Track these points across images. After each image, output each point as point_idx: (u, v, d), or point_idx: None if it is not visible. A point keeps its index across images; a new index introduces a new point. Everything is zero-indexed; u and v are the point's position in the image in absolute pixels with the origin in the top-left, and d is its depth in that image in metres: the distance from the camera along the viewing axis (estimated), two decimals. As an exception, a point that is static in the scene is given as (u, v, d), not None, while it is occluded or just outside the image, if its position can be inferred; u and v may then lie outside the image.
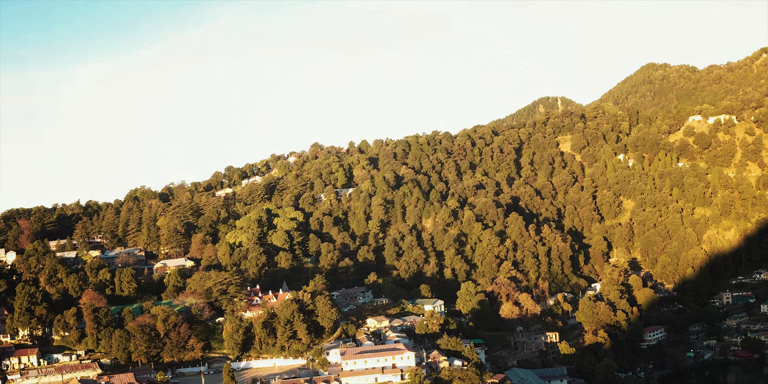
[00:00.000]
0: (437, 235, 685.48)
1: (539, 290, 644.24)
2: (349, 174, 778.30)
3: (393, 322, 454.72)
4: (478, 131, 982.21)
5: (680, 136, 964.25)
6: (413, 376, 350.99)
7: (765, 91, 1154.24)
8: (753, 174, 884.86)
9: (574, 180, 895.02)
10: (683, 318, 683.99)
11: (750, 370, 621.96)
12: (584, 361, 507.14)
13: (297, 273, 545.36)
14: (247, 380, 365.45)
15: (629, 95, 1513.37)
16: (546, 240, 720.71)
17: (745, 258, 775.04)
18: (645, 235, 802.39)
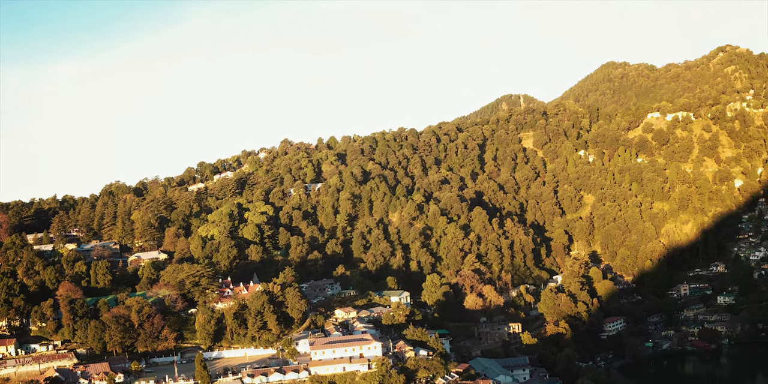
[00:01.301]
0: (403, 228, 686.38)
1: (502, 282, 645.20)
2: (318, 169, 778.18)
3: (360, 313, 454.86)
4: (443, 128, 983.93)
5: (639, 132, 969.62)
6: (380, 366, 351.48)
7: (721, 89, 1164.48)
8: (710, 169, 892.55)
9: (536, 175, 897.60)
10: (642, 309, 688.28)
11: (707, 360, 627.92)
12: (546, 351, 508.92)
13: (267, 265, 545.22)
14: (219, 369, 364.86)
15: (590, 93, 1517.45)
16: (509, 233, 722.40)
17: (702, 251, 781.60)
18: (605, 228, 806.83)
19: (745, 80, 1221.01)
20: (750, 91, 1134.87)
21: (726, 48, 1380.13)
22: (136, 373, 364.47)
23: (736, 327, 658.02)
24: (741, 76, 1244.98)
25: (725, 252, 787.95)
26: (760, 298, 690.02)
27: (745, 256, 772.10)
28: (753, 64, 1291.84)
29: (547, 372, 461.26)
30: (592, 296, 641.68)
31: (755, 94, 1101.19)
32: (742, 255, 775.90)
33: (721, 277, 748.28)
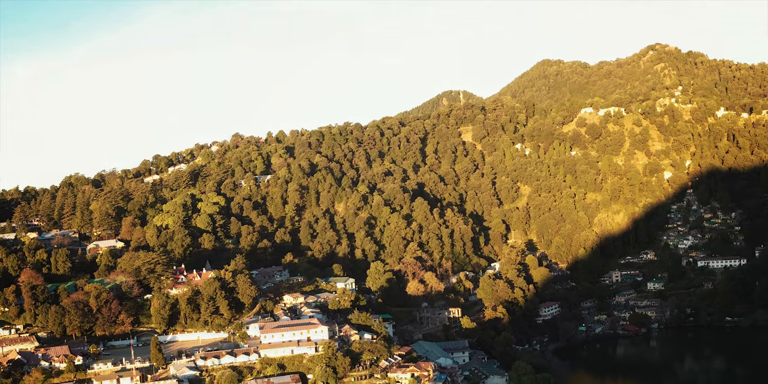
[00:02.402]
0: (349, 218, 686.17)
1: (443, 269, 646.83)
2: (268, 162, 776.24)
3: (308, 298, 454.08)
4: (387, 122, 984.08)
5: (573, 126, 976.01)
6: (326, 349, 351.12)
7: (651, 85, 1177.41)
8: (640, 162, 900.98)
9: (475, 167, 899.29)
10: (576, 295, 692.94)
11: (637, 344, 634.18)
12: (484, 335, 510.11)
13: (219, 253, 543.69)
14: (173, 352, 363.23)
15: (526, 89, 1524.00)
16: (449, 223, 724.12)
17: (633, 239, 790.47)
18: (540, 218, 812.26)
19: (674, 77, 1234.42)
20: (678, 87, 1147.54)
21: (656, 46, 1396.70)
22: (95, 355, 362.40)
23: (665, 312, 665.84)
24: (670, 73, 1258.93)
25: (655, 240, 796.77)
26: (688, 285, 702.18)
27: (673, 245, 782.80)
28: (681, 61, 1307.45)
29: (485, 355, 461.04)
30: (528, 282, 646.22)
31: (683, 90, 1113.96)
32: (671, 243, 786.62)
33: (651, 264, 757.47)
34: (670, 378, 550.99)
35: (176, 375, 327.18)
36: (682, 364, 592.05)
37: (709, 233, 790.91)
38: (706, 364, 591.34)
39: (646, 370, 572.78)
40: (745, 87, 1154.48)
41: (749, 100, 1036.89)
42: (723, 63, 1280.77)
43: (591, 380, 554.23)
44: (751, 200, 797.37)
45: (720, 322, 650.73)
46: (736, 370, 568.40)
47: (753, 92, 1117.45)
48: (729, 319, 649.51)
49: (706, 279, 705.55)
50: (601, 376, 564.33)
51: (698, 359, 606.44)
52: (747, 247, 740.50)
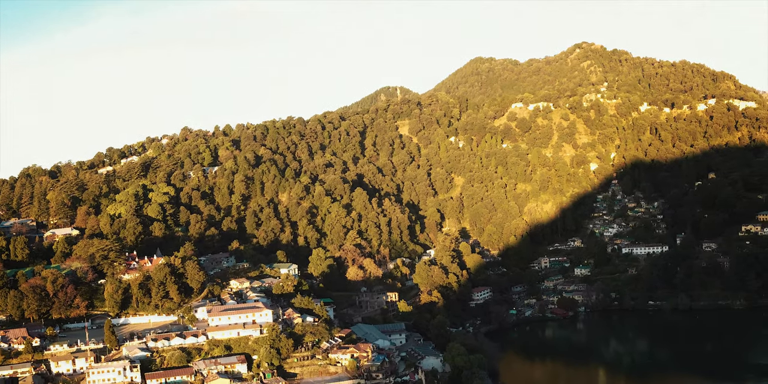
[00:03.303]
0: (292, 207, 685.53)
1: (381, 256, 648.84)
2: (215, 154, 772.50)
3: (253, 283, 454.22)
4: (328, 117, 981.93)
5: (504, 120, 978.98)
6: (271, 331, 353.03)
7: (578, 81, 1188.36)
8: (568, 154, 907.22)
9: (412, 159, 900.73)
10: (507, 280, 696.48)
11: (565, 326, 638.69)
12: (420, 318, 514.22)
13: (169, 241, 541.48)
14: (126, 334, 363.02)
15: (460, 85, 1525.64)
16: (387, 212, 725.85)
17: (561, 227, 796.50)
18: (473, 207, 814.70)
19: (600, 74, 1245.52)
20: (604, 83, 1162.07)
21: (582, 45, 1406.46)
22: (51, 337, 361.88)
23: (591, 296, 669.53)
24: (596, 70, 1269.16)
25: (581, 228, 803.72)
26: (613, 270, 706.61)
27: (599, 232, 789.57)
28: (607, 59, 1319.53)
29: (421, 336, 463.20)
30: (461, 268, 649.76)
31: (609, 86, 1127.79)
32: (596, 231, 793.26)
33: (578, 251, 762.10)
34: (596, 359, 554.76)
35: (128, 356, 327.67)
36: (607, 346, 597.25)
37: (632, 222, 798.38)
38: (630, 346, 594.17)
39: (574, 351, 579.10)
40: (667, 83, 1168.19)
41: (671, 95, 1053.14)
42: (646, 60, 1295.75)
43: (521, 361, 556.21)
44: (672, 190, 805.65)
45: (643, 305, 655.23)
46: (659, 351, 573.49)
47: (674, 88, 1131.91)
48: (651, 303, 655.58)
49: (630, 265, 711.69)
50: (531, 357, 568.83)
51: (623, 341, 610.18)
52: (669, 234, 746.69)
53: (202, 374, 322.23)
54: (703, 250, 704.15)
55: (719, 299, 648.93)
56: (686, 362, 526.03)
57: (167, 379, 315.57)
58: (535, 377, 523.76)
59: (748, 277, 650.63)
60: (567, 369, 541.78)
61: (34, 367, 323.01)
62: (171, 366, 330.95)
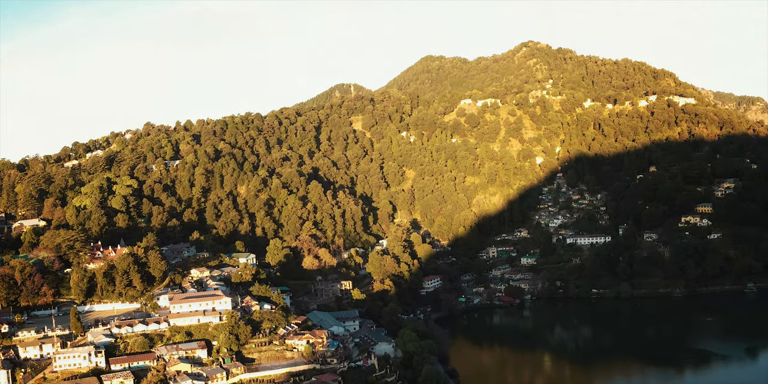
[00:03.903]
0: (250, 199, 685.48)
1: (335, 246, 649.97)
2: (176, 148, 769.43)
3: (213, 272, 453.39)
4: (284, 112, 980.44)
5: (453, 116, 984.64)
6: (230, 318, 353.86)
7: (524, 78, 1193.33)
8: (514, 148, 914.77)
9: (365, 153, 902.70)
10: (456, 269, 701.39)
11: (512, 313, 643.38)
12: (373, 305, 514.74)
13: (132, 231, 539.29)
14: (91, 321, 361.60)
15: (411, 82, 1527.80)
16: (341, 204, 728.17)
17: (508, 219, 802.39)
18: (424, 199, 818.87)
19: (545, 71, 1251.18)
20: (549, 80, 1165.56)
21: (529, 43, 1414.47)
22: (19, 324, 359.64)
23: (537, 284, 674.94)
24: (541, 68, 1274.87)
25: (528, 219, 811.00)
26: (558, 260, 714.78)
27: (545, 223, 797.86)
28: (552, 57, 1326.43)
29: (374, 323, 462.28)
30: (413, 258, 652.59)
31: (554, 83, 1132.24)
32: (542, 222, 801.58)
33: (525, 241, 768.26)
34: (541, 345, 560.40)
35: (93, 342, 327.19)
36: (552, 332, 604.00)
37: (577, 213, 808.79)
38: (574, 332, 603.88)
39: (520, 337, 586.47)
40: (609, 80, 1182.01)
41: (613, 92, 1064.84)
42: (590, 58, 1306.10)
43: (470, 347, 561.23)
44: (615, 183, 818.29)
45: (587, 293, 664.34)
46: (602, 337, 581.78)
47: (617, 85, 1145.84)
48: (595, 291, 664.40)
49: (575, 255, 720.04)
50: (479, 343, 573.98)
51: (567, 327, 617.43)
52: (611, 225, 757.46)
53: (164, 359, 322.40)
54: (644, 240, 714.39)
55: (660, 287, 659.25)
56: (628, 348, 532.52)
57: (131, 364, 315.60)
58: (483, 362, 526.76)
59: (687, 266, 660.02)
60: (514, 354, 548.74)
61: (3, 353, 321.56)
62: (134, 351, 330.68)
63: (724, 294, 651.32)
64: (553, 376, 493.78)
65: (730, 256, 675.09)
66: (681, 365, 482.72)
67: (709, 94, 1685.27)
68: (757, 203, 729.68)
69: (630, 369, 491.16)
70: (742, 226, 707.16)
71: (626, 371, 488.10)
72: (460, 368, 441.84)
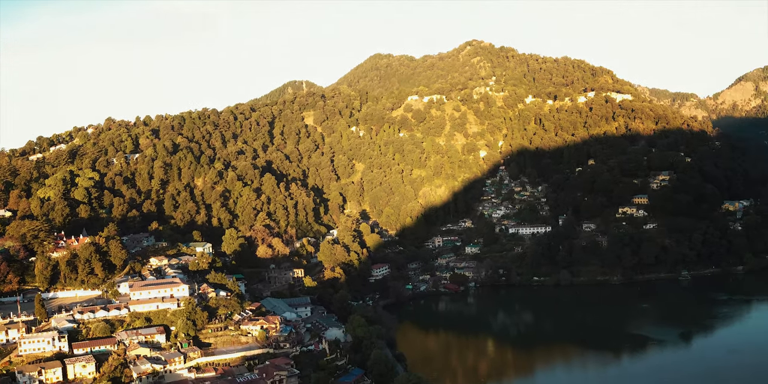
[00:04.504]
0: (206, 191, 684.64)
1: (288, 235, 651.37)
2: (136, 142, 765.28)
3: (171, 261, 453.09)
4: (239, 108, 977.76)
5: (401, 112, 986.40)
6: (187, 304, 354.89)
7: (469, 76, 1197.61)
8: (459, 142, 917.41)
9: (316, 147, 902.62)
10: (403, 257, 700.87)
11: (456, 300, 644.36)
12: (324, 292, 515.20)
13: (94, 222, 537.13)
14: (54, 307, 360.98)
15: (360, 79, 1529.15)
16: (294, 195, 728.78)
17: (453, 210, 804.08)
18: (373, 191, 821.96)
19: (488, 69, 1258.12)
20: (492, 77, 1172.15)
21: (473, 42, 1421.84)
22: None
23: (481, 272, 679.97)
24: (485, 66, 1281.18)
25: (472, 210, 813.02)
26: (501, 249, 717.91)
27: (488, 214, 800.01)
28: (495, 55, 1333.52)
29: (324, 309, 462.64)
30: (362, 247, 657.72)
31: (497, 80, 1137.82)
32: (485, 213, 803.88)
33: (469, 231, 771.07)
34: (485, 330, 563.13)
35: (57, 327, 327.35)
36: (495, 318, 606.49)
37: (518, 204, 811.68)
38: (516, 318, 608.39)
39: (464, 323, 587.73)
40: (550, 77, 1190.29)
41: (553, 88, 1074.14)
42: (531, 56, 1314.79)
43: (416, 332, 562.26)
44: (555, 176, 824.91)
45: (528, 281, 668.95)
46: (542, 323, 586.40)
47: (557, 82, 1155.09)
48: (536, 278, 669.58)
49: (516, 244, 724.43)
50: (425, 328, 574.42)
51: (509, 313, 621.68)
52: (551, 216, 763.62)
53: (125, 344, 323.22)
54: (583, 230, 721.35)
55: (598, 275, 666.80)
56: (568, 333, 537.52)
57: (92, 348, 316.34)
58: (429, 346, 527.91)
59: (624, 255, 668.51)
60: (458, 339, 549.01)
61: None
62: (96, 336, 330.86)
63: (659, 281, 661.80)
64: (496, 360, 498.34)
65: (665, 245, 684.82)
66: (618, 350, 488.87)
67: (645, 91, 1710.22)
68: (690, 195, 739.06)
69: (569, 353, 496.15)
70: (677, 216, 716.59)
71: (566, 355, 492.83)
72: (407, 352, 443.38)
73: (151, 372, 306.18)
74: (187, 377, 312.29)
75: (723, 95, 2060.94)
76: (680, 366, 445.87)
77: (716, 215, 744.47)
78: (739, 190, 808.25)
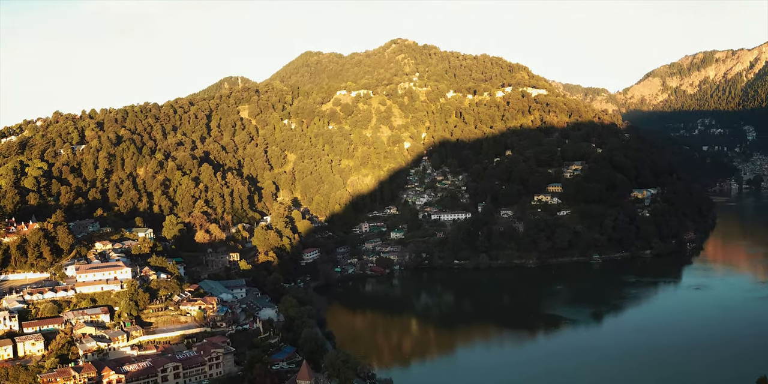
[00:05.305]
0: (148, 180, 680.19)
1: (225, 221, 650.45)
2: (82, 134, 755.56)
3: (115, 245, 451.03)
4: (179, 102, 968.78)
5: (330, 106, 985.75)
6: (130, 286, 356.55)
7: (394, 72, 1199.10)
8: (385, 134, 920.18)
9: (251, 139, 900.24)
10: (333, 242, 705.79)
11: (382, 282, 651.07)
12: (258, 275, 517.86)
13: (43, 208, 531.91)
14: (5, 289, 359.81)
15: (292, 75, 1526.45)
16: (230, 184, 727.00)
17: (379, 197, 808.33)
18: (304, 180, 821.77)
19: (412, 65, 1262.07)
20: (416, 74, 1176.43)
21: (397, 40, 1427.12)
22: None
23: (405, 256, 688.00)
24: (409, 63, 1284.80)
25: (396, 198, 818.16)
26: (424, 234, 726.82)
27: (412, 202, 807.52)
28: (418, 53, 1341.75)
29: (259, 291, 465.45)
30: (294, 232, 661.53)
31: (420, 76, 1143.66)
32: (409, 200, 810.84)
33: (394, 217, 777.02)
34: (409, 310, 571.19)
35: (8, 307, 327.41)
36: (418, 299, 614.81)
37: (440, 192, 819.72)
38: (438, 299, 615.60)
39: (390, 303, 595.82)
40: (470, 74, 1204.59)
41: (473, 84, 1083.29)
42: (452, 54, 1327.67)
43: (345, 312, 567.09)
44: (474, 166, 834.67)
45: (449, 264, 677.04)
46: (463, 303, 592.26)
47: (476, 78, 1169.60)
48: (457, 262, 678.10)
49: (438, 229, 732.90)
50: (353, 308, 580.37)
51: (432, 294, 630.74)
52: (471, 203, 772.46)
53: (71, 323, 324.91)
54: (500, 216, 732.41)
55: (514, 259, 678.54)
56: (486, 313, 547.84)
57: (41, 327, 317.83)
58: (356, 326, 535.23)
59: (539, 240, 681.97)
60: (384, 318, 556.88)
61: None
62: (44, 316, 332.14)
63: (572, 264, 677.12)
64: (419, 338, 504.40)
65: (578, 230, 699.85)
66: (534, 328, 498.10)
67: (558, 86, 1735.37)
68: (601, 183, 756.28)
69: (488, 332, 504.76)
70: (588, 203, 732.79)
71: (485, 334, 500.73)
72: (336, 331, 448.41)
73: (96, 349, 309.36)
74: (130, 354, 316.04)
75: (632, 90, 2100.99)
76: (592, 343, 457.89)
77: (625, 203, 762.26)
78: (647, 179, 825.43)
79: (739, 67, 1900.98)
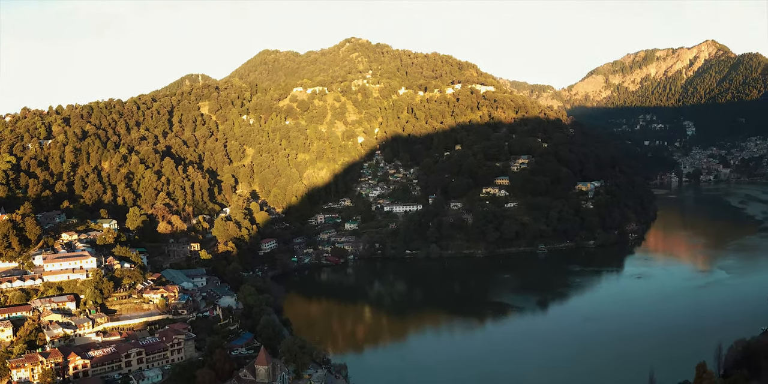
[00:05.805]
0: (112, 173, 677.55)
1: (186, 213, 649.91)
2: (49, 129, 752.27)
3: (80, 236, 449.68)
4: (142, 98, 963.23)
5: (287, 102, 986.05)
6: (95, 275, 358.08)
7: (348, 69, 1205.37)
8: (339, 129, 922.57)
9: (211, 134, 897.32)
10: (289, 233, 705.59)
11: (337, 271, 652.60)
12: (218, 264, 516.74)
13: (11, 200, 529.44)
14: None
15: (251, 72, 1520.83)
16: (191, 177, 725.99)
17: (334, 190, 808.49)
18: (262, 173, 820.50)
19: (366, 63, 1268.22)
20: (369, 71, 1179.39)
21: (351, 39, 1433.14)
22: None
23: (359, 246, 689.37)
24: (363, 61, 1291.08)
25: (351, 191, 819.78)
26: (377, 225, 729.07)
27: (365, 194, 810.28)
28: (372, 51, 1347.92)
29: (219, 280, 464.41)
30: (252, 223, 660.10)
31: (373, 73, 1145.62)
32: (363, 193, 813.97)
33: (348, 209, 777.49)
34: (362, 298, 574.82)
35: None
36: (372, 287, 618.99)
37: (393, 185, 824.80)
38: (391, 288, 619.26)
39: (344, 292, 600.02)
40: (421, 71, 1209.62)
41: (424, 81, 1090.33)
42: (404, 52, 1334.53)
43: (301, 300, 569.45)
44: (425, 159, 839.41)
45: (402, 254, 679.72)
46: (414, 292, 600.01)
47: (427, 75, 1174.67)
48: (408, 252, 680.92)
49: (391, 221, 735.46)
50: (309, 296, 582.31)
51: (384, 283, 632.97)
52: (422, 195, 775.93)
53: (39, 311, 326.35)
54: (450, 208, 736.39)
55: (464, 249, 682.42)
56: (437, 301, 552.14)
57: (10, 314, 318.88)
58: (312, 313, 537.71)
59: (488, 231, 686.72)
60: (339, 306, 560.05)
61: None
62: (13, 304, 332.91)
63: (519, 254, 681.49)
64: (372, 325, 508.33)
65: (524, 222, 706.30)
66: (483, 316, 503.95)
67: (506, 83, 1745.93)
68: (547, 177, 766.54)
69: (439, 319, 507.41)
70: (535, 196, 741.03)
71: (435, 321, 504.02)
72: (293, 318, 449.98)
73: (63, 335, 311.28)
74: (95, 340, 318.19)
75: (576, 87, 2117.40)
76: (537, 329, 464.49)
77: (570, 195, 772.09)
78: (590, 173, 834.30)
79: (679, 65, 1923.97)
